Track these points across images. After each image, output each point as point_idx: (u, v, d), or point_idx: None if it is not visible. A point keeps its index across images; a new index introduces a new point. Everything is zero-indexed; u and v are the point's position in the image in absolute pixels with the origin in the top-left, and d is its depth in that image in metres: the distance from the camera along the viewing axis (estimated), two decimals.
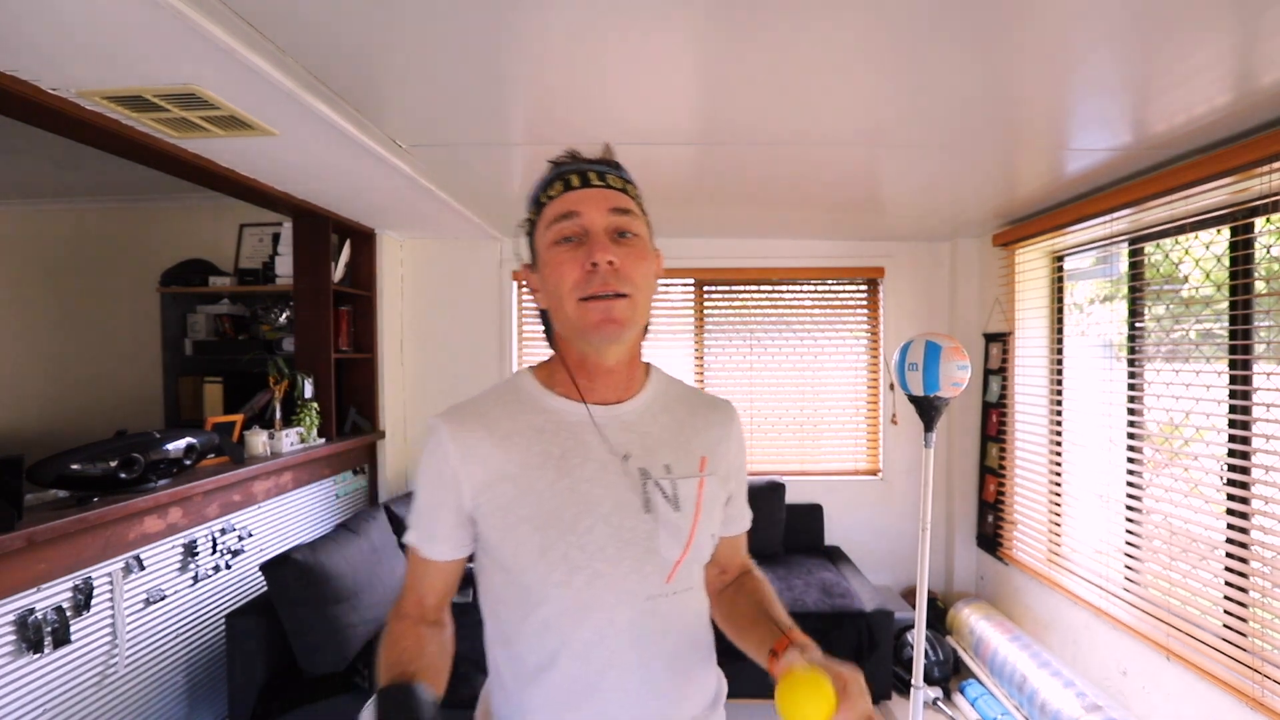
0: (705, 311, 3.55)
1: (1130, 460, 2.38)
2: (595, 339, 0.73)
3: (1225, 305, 2.00)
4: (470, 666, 2.25)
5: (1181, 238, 2.19)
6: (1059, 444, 2.76)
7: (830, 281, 3.55)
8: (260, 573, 2.09)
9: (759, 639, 0.79)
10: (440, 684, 0.73)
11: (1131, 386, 2.38)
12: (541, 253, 0.76)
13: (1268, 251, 1.90)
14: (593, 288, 0.70)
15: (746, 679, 1.04)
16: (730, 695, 0.91)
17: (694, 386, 0.91)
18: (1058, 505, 2.75)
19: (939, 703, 2.66)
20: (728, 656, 0.91)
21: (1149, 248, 2.35)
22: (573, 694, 0.74)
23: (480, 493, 0.75)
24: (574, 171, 0.75)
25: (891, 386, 3.41)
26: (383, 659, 0.73)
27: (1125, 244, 2.41)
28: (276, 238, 3.05)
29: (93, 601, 1.73)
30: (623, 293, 0.71)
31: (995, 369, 3.17)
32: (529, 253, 0.81)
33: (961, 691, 2.65)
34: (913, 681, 2.16)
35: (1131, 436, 2.38)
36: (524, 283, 0.74)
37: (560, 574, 0.72)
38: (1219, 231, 2.04)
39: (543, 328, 0.84)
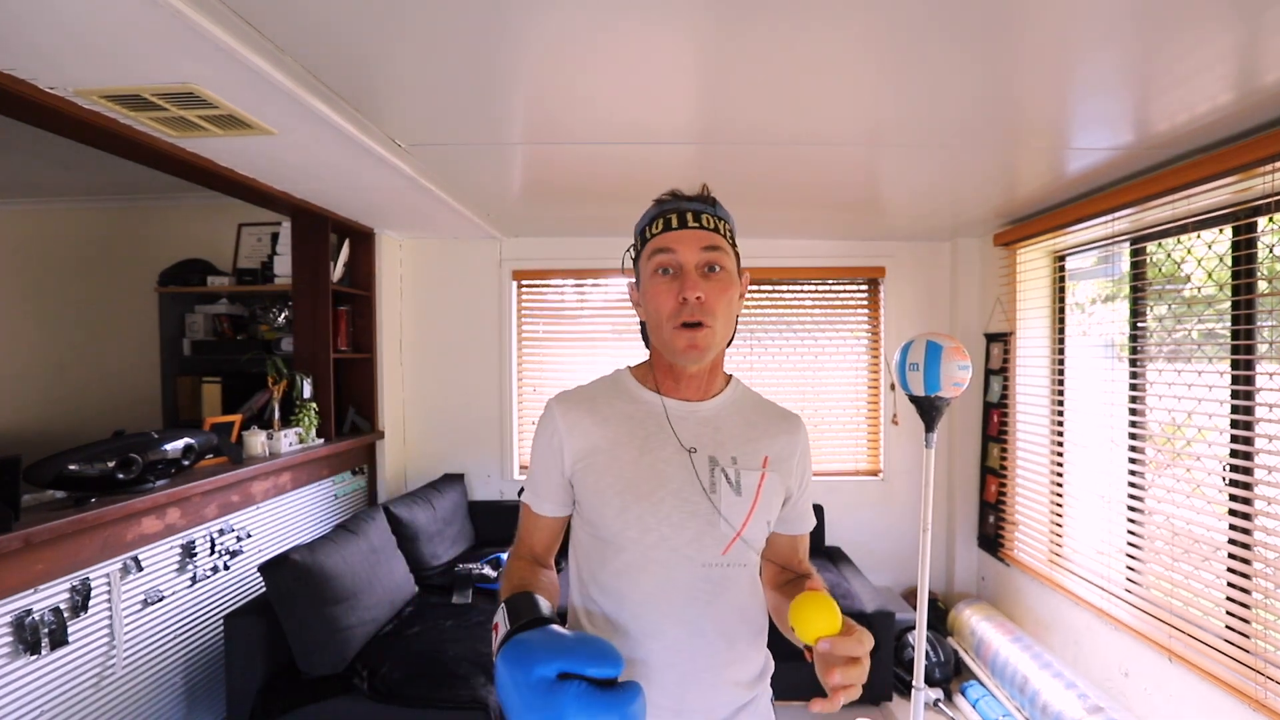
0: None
1: (1132, 461, 2.37)
2: (681, 359, 0.89)
3: (1227, 305, 2.00)
4: (470, 667, 2.24)
5: (1184, 237, 2.18)
6: (1060, 444, 2.75)
7: (831, 281, 3.54)
8: (259, 573, 2.08)
9: None
10: (555, 601, 0.86)
11: (1133, 387, 2.38)
12: (644, 280, 0.91)
13: (1270, 251, 1.90)
14: (683, 317, 0.86)
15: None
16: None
17: (770, 400, 1.04)
18: (1059, 506, 2.74)
19: (940, 704, 2.65)
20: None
21: (1151, 247, 2.34)
22: (637, 638, 0.87)
23: (578, 460, 0.91)
24: (673, 211, 0.89)
25: (892, 386, 3.40)
26: (505, 586, 0.87)
27: (1127, 244, 2.40)
28: (275, 237, 3.04)
29: (90, 602, 1.72)
30: (706, 323, 0.86)
31: (996, 369, 3.16)
32: (635, 274, 0.97)
33: (963, 693, 2.64)
34: (914, 683, 2.15)
35: (1133, 437, 2.37)
36: (630, 299, 1.02)
37: (634, 532, 0.87)
38: (1221, 231, 2.03)
39: (641, 334, 1.02)
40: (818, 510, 3.34)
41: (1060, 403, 2.77)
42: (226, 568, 2.25)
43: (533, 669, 0.63)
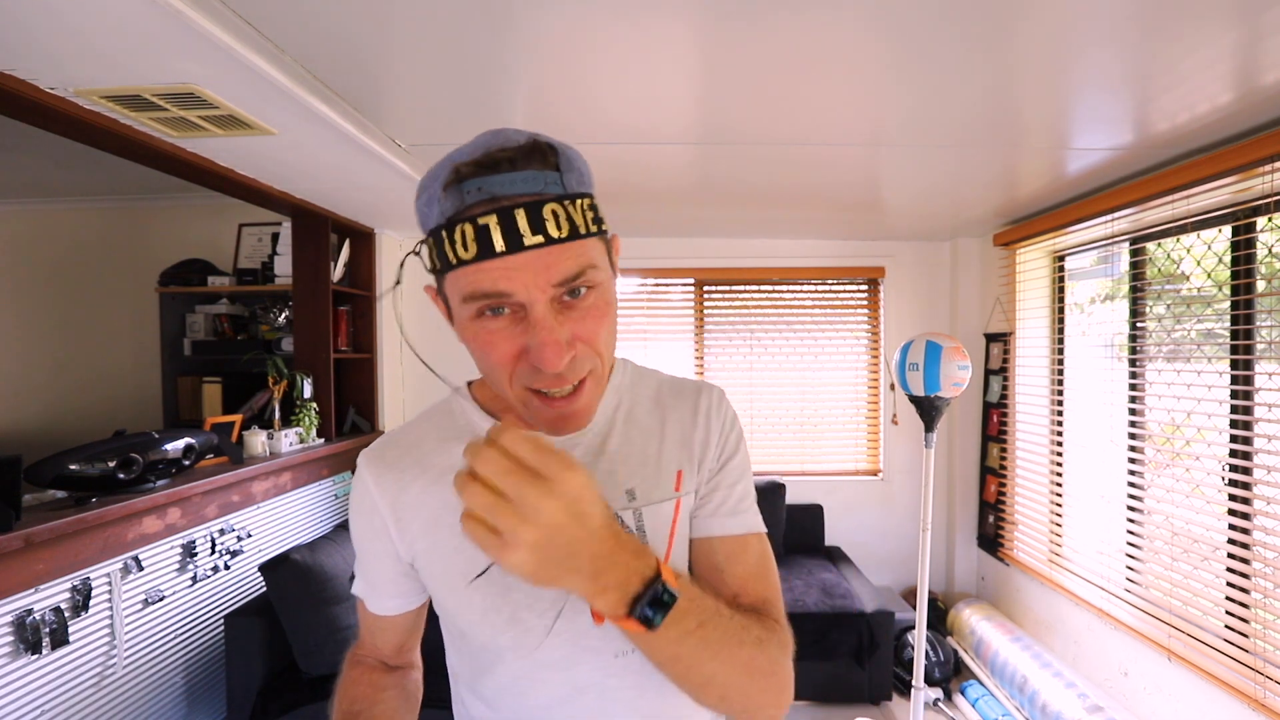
0: (705, 311, 3.54)
1: (1131, 460, 2.37)
2: (549, 431, 0.57)
3: (1227, 305, 2.00)
4: None
5: (1183, 237, 2.18)
6: (1060, 444, 2.75)
7: (831, 281, 3.54)
8: (259, 573, 2.09)
9: None
10: None
11: (1133, 386, 2.38)
12: (457, 313, 0.56)
13: (1269, 251, 1.90)
14: (540, 383, 0.54)
15: None
16: None
17: (671, 376, 0.75)
18: (1059, 506, 2.74)
19: (940, 704, 2.65)
20: None
21: (1150, 247, 2.35)
22: None
23: (415, 542, 0.65)
24: (488, 212, 0.49)
25: (892, 386, 3.40)
26: (335, 710, 0.66)
27: (1126, 243, 2.41)
28: (275, 237, 3.04)
29: (91, 602, 1.72)
30: (582, 381, 0.56)
31: (996, 369, 3.16)
32: (432, 274, 0.57)
33: (962, 692, 2.65)
34: (913, 682, 2.15)
35: (1133, 437, 2.37)
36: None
37: (509, 637, 0.62)
38: (1220, 231, 2.03)
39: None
40: (817, 510, 3.34)
41: (1060, 403, 2.77)
42: (227, 567, 2.25)
43: None
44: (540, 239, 0.50)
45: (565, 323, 0.53)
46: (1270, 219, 1.86)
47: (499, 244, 0.49)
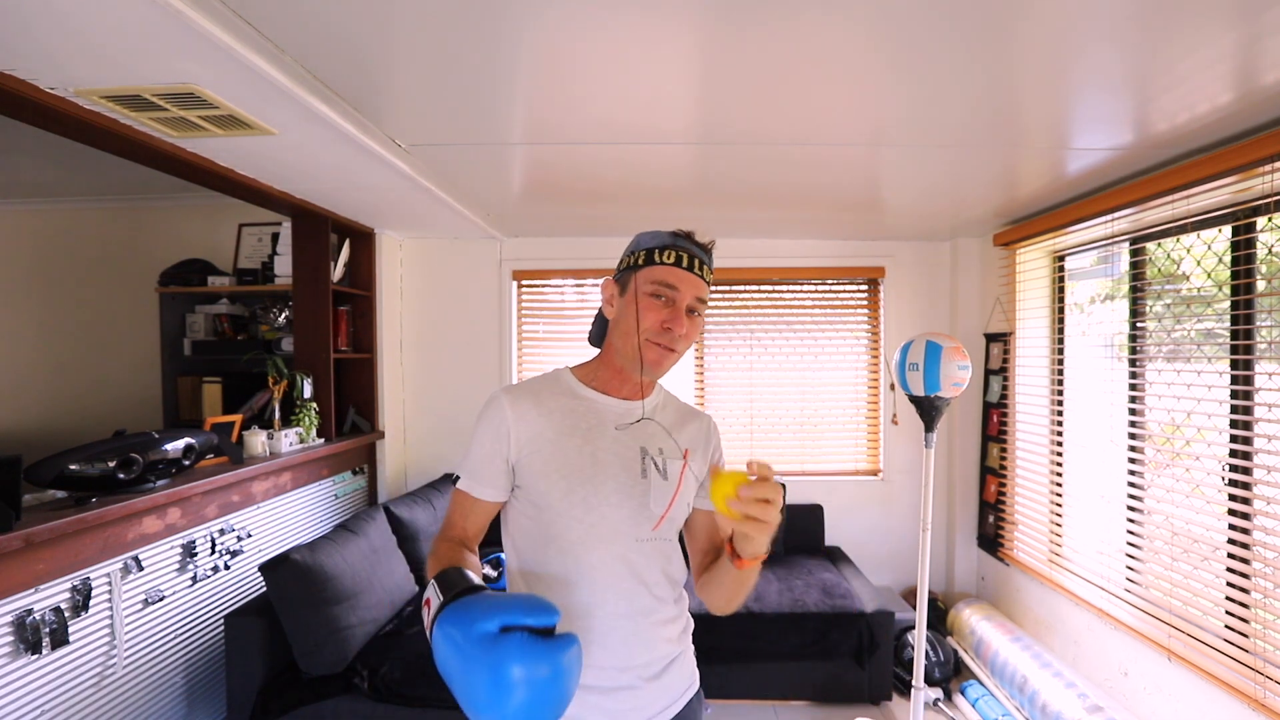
0: (705, 311, 3.54)
1: (1131, 460, 2.37)
2: (646, 369, 1.02)
3: (1226, 305, 2.00)
4: None
5: (1183, 237, 2.18)
6: (1060, 444, 2.75)
7: (831, 281, 3.54)
8: (259, 573, 2.09)
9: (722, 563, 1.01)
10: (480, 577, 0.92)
11: (1133, 386, 2.38)
12: (637, 289, 1.02)
13: (1269, 250, 1.90)
14: (661, 340, 1.00)
15: (737, 681, 1.11)
16: (722, 696, 0.98)
17: (685, 402, 1.19)
18: (1059, 506, 2.74)
19: (940, 704, 2.65)
20: (718, 659, 0.94)
21: (1150, 247, 2.35)
22: (583, 607, 0.97)
23: (524, 446, 1.00)
24: (685, 252, 1.01)
25: (892, 386, 3.40)
26: (432, 564, 0.93)
27: (1126, 243, 2.41)
28: (275, 237, 3.05)
29: (91, 602, 1.73)
30: (677, 350, 1.02)
31: (996, 369, 3.16)
32: (620, 273, 1.06)
33: (962, 692, 2.65)
34: (913, 682, 2.15)
35: (1133, 437, 2.37)
36: (604, 291, 1.11)
37: (579, 512, 0.97)
38: (1220, 231, 2.03)
39: (593, 327, 1.14)
40: (817, 510, 3.35)
41: (1060, 403, 2.77)
42: (227, 567, 2.25)
43: (473, 626, 0.68)
44: (699, 273, 1.02)
45: (686, 321, 1.01)
46: (1270, 219, 1.86)
47: (685, 263, 1.01)
